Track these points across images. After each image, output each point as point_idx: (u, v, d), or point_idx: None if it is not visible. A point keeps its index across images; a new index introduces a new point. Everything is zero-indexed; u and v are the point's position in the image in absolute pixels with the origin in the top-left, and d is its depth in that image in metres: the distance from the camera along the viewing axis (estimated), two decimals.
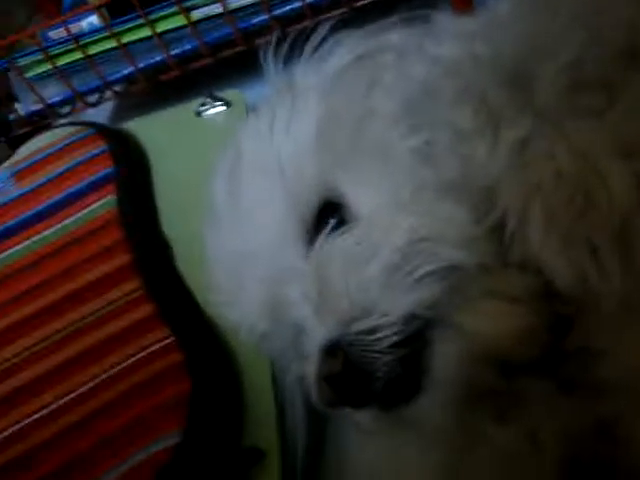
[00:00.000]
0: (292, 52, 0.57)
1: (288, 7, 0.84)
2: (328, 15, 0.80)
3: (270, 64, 0.57)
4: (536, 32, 0.45)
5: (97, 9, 0.90)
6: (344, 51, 0.54)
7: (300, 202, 0.49)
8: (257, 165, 0.52)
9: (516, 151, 0.40)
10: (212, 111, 0.85)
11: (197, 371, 0.56)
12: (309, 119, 0.50)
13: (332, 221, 0.48)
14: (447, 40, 0.48)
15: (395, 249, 0.43)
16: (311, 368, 0.45)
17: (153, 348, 0.59)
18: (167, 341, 0.59)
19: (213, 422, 0.53)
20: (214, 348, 0.59)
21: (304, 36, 0.56)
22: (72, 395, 0.58)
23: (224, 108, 0.84)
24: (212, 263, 0.55)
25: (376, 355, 0.42)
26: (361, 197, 0.47)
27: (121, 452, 0.52)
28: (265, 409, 0.56)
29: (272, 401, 0.56)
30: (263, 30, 0.86)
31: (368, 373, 0.42)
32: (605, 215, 0.37)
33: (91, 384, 0.59)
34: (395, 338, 0.42)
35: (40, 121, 1.03)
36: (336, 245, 0.46)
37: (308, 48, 0.56)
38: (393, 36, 0.53)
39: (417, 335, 0.42)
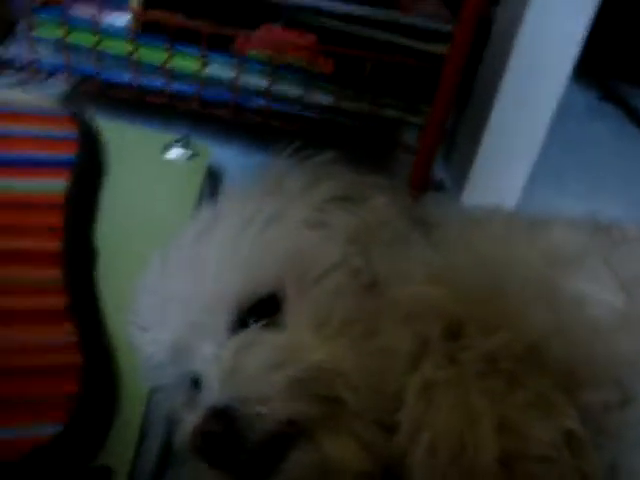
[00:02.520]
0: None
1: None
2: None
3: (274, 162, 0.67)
4: None
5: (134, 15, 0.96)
6: (330, 186, 0.65)
7: (249, 287, 0.58)
8: (227, 239, 0.60)
9: (426, 388, 0.48)
10: (178, 151, 0.92)
11: (88, 379, 0.63)
12: (288, 234, 0.60)
13: (264, 314, 0.57)
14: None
15: (304, 368, 0.53)
16: (194, 417, 0.54)
17: (56, 340, 0.65)
18: (70, 339, 0.65)
19: (85, 429, 0.60)
20: (108, 364, 0.66)
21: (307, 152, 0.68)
22: None
23: (189, 155, 0.93)
24: (146, 289, 0.62)
25: (252, 434, 0.51)
26: (299, 311, 0.57)
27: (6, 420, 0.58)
28: (130, 435, 0.63)
29: (138, 427, 0.64)
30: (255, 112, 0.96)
31: (240, 444, 0.52)
32: (468, 468, 0.45)
33: None
34: (271, 429, 0.51)
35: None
36: (265, 338, 0.55)
37: (306, 166, 0.67)
38: (379, 199, 0.65)
39: (286, 436, 0.52)
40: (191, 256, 0.61)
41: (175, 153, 0.92)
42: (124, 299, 0.64)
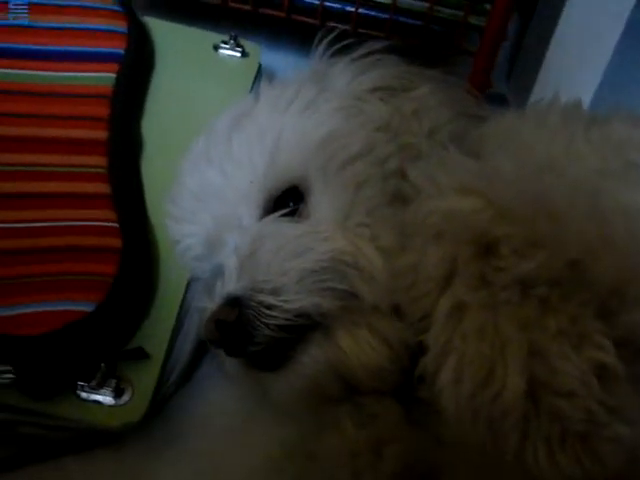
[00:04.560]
0: (339, 50, 0.66)
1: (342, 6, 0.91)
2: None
3: (319, 50, 0.66)
4: None
5: None
6: (376, 75, 0.63)
7: (276, 175, 0.57)
8: (260, 126, 0.59)
9: (455, 310, 0.45)
10: (228, 52, 0.90)
11: (126, 262, 0.63)
12: (322, 120, 0.58)
13: (290, 205, 0.56)
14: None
15: (321, 259, 0.52)
16: (211, 306, 0.54)
17: (98, 224, 0.65)
18: (111, 224, 0.65)
19: (121, 310, 0.60)
20: (147, 250, 0.66)
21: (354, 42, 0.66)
22: (7, 225, 0.64)
23: (239, 55, 0.90)
24: (182, 180, 0.62)
25: (262, 326, 0.52)
26: (322, 201, 0.56)
27: (39, 295, 0.58)
28: (166, 319, 0.63)
29: (175, 315, 0.64)
30: (306, 12, 0.93)
31: (250, 335, 0.52)
32: (494, 395, 0.42)
33: (29, 224, 0.64)
34: (283, 322, 0.52)
35: None
36: (283, 228, 0.55)
37: (352, 55, 0.65)
38: (424, 88, 0.62)
39: (301, 328, 0.52)
40: (225, 145, 0.60)
41: (225, 52, 0.90)
42: (167, 190, 0.64)
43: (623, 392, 0.40)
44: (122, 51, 0.82)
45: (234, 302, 0.52)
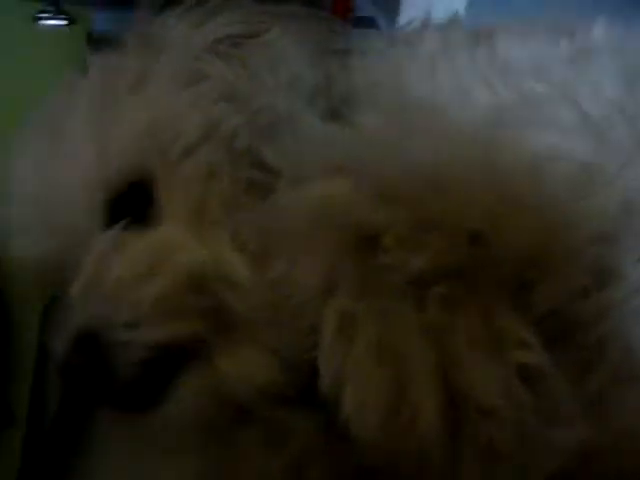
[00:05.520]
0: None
1: None
2: None
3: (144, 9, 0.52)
4: None
5: None
6: (215, 25, 0.51)
7: (110, 173, 0.45)
8: (86, 114, 0.47)
9: (342, 326, 0.37)
10: (50, 22, 0.78)
11: None
12: (153, 97, 0.47)
13: (139, 208, 0.45)
14: None
15: (176, 278, 0.42)
16: (60, 348, 0.43)
17: None
18: None
19: None
20: None
21: None
22: None
23: (64, 24, 0.78)
24: (11, 192, 0.49)
25: (122, 366, 0.41)
26: (170, 200, 0.45)
27: None
28: (23, 373, 0.53)
29: (30, 370, 0.53)
30: None
31: (109, 377, 0.41)
32: (407, 422, 0.35)
33: None
34: (145, 358, 0.41)
35: None
36: (128, 241, 0.44)
37: (186, 4, 0.51)
38: (274, 30, 0.51)
39: (172, 358, 0.42)
40: (48, 143, 0.48)
41: (47, 22, 0.78)
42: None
43: (555, 390, 0.34)
44: None
45: (84, 342, 0.41)
